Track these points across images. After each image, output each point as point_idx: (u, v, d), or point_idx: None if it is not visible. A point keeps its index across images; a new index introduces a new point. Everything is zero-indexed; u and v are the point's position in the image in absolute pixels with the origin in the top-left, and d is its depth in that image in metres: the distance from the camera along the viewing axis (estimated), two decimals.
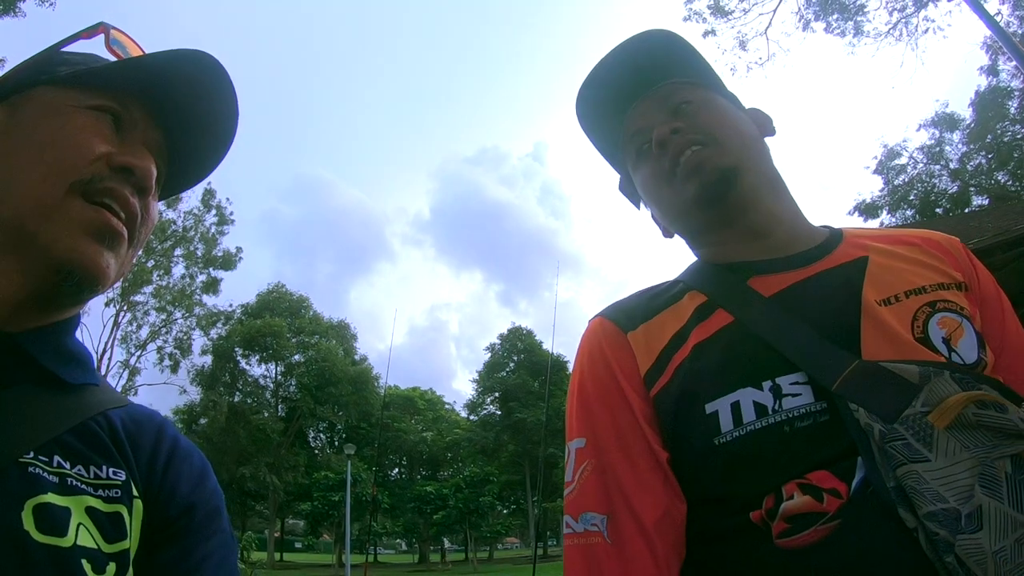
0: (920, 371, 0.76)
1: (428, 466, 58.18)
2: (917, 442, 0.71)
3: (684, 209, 1.02)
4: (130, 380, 35.17)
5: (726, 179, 0.96)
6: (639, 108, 1.08)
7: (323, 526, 49.10)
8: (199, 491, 0.80)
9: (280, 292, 51.42)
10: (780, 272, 0.94)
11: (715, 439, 0.82)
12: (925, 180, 24.57)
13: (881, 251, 0.96)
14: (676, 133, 0.99)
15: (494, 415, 54.18)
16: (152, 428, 0.82)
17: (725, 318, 0.91)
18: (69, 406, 0.73)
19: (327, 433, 54.33)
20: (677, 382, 0.88)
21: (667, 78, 1.06)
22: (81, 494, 0.67)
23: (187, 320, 38.39)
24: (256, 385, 48.95)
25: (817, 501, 0.74)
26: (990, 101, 21.57)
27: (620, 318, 1.00)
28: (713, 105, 1.04)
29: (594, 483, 0.88)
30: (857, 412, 0.75)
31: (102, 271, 0.72)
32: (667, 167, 1.00)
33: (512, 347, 55.73)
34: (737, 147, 0.98)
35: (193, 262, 36.59)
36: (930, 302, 0.86)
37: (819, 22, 19.39)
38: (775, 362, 0.83)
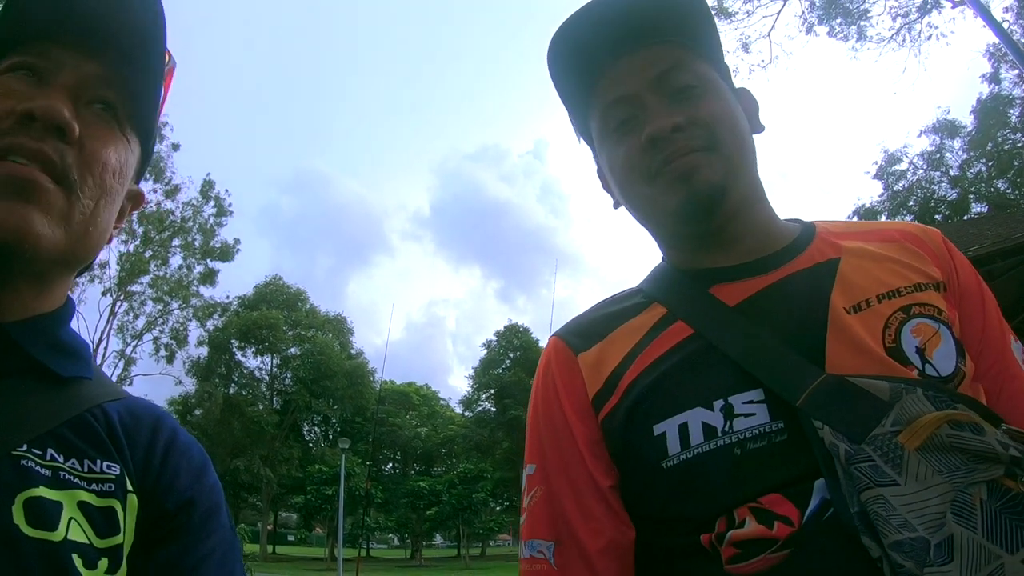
0: (891, 387, 0.71)
1: (422, 461, 58.15)
2: (885, 464, 0.66)
3: (659, 216, 0.95)
4: (126, 370, 35.06)
5: (715, 199, 0.88)
6: (624, 66, 0.93)
7: (316, 519, 49.16)
8: (198, 486, 0.78)
9: (277, 285, 51.34)
10: (746, 278, 0.89)
11: (662, 462, 0.80)
12: (925, 186, 24.60)
13: (855, 251, 0.90)
14: (677, 132, 0.87)
15: (489, 412, 54.14)
16: (149, 421, 0.79)
17: (684, 331, 0.87)
18: (64, 399, 0.71)
19: (322, 427, 54.35)
20: (626, 403, 0.86)
21: (664, 35, 0.92)
22: (74, 488, 0.66)
23: (184, 311, 38.27)
24: (251, 377, 48.94)
25: (767, 528, 0.71)
26: (991, 109, 21.59)
27: (573, 339, 0.96)
28: (718, 95, 0.93)
29: (541, 510, 0.89)
30: (822, 430, 0.71)
31: (26, 232, 0.65)
32: (653, 167, 0.89)
33: (508, 344, 55.67)
34: (735, 155, 0.90)
35: (191, 253, 36.45)
36: (904, 307, 0.81)
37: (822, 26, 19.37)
38: (730, 379, 0.80)
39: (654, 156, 0.89)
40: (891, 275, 0.85)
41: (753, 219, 0.94)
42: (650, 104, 0.91)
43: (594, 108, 0.99)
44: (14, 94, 0.69)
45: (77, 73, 0.74)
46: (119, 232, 0.85)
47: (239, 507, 49.73)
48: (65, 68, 0.73)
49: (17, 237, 0.64)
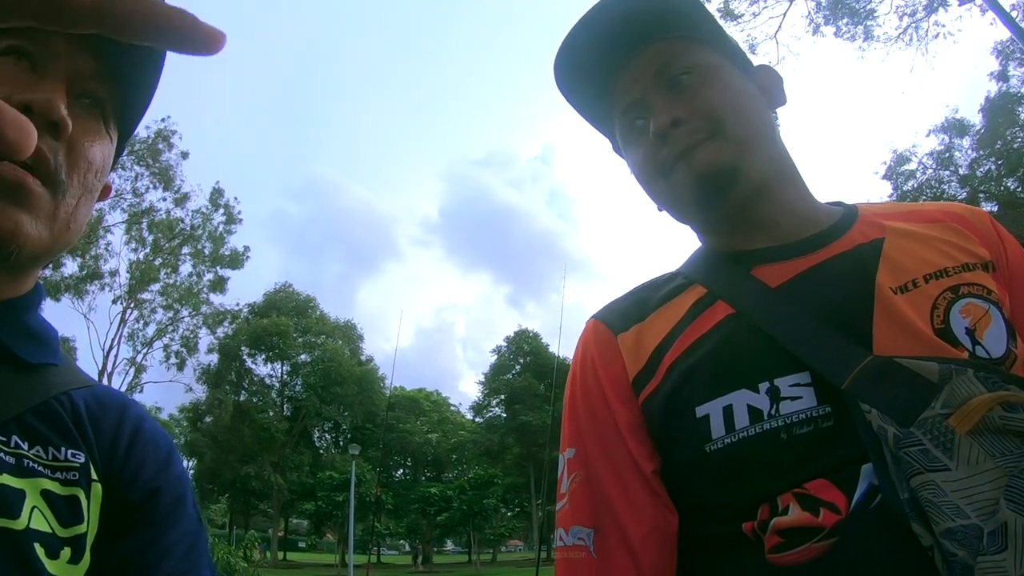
0: (940, 368, 0.68)
1: (432, 467, 58.07)
2: (936, 448, 0.64)
3: (682, 207, 0.95)
4: (136, 377, 35.21)
5: (726, 180, 0.86)
6: (630, 72, 0.94)
7: (327, 526, 49.13)
8: (163, 475, 0.77)
9: (287, 292, 51.48)
10: (789, 259, 0.86)
11: (706, 446, 0.78)
12: (934, 186, 24.43)
13: (899, 231, 0.86)
14: (677, 126, 0.87)
15: (499, 417, 54.05)
16: (116, 410, 0.78)
17: (725, 310, 0.85)
18: (29, 385, 0.70)
19: (332, 433, 54.32)
20: (667, 384, 0.83)
21: (660, 32, 0.93)
22: (37, 476, 0.65)
23: (194, 318, 38.40)
24: (262, 384, 48.98)
25: (813, 515, 0.69)
26: (1000, 107, 21.44)
27: (612, 319, 0.94)
28: (716, 76, 0.91)
29: (582, 496, 0.86)
30: (869, 413, 0.68)
31: (11, 231, 0.64)
32: (666, 162, 0.90)
33: (518, 349, 55.61)
34: (743, 135, 0.88)
35: (200, 260, 36.60)
36: (952, 287, 0.78)
37: (829, 26, 19.31)
38: (775, 361, 0.77)
39: (663, 152, 0.90)
40: (938, 255, 0.82)
41: (784, 199, 0.92)
42: (653, 103, 0.91)
43: (615, 119, 1.01)
44: (8, 80, 0.68)
45: (71, 64, 0.72)
46: None
47: (249, 514, 49.82)
48: (60, 58, 0.71)
49: (6, 239, 0.64)
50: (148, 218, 33.15)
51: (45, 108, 0.66)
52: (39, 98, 0.66)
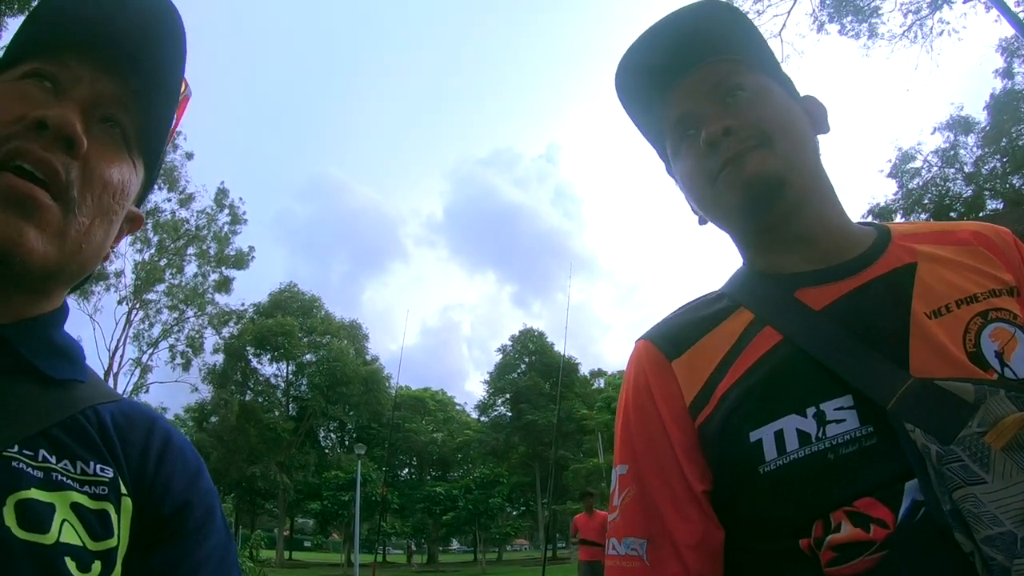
0: (975, 389, 0.73)
1: (438, 467, 58.24)
2: (974, 463, 0.70)
3: (726, 215, 0.99)
4: (142, 378, 35.36)
5: (773, 189, 0.90)
6: (684, 87, 0.99)
7: (332, 525, 49.25)
8: (193, 489, 0.77)
9: (292, 292, 51.64)
10: (829, 283, 0.91)
11: (759, 467, 0.82)
12: (939, 184, 24.39)
13: (930, 255, 0.91)
14: (728, 134, 0.92)
15: (505, 416, 54.18)
16: (143, 424, 0.78)
17: (773, 337, 0.89)
18: (56, 400, 0.70)
19: (337, 433, 54.54)
20: (721, 411, 0.87)
21: (716, 54, 0.98)
22: (67, 489, 0.65)
23: (199, 319, 38.54)
24: (267, 384, 49.21)
25: (864, 531, 0.74)
26: (1005, 104, 21.38)
27: (665, 344, 0.97)
28: (768, 96, 0.97)
29: (634, 510, 0.90)
30: (913, 432, 0.73)
31: (22, 248, 0.64)
32: (714, 169, 0.94)
33: (524, 349, 55.72)
34: (789, 151, 0.92)
35: (206, 261, 36.74)
36: (982, 312, 0.83)
37: (833, 24, 19.26)
38: (820, 385, 0.82)
39: (712, 159, 0.94)
40: (967, 281, 0.87)
41: (823, 218, 0.96)
42: (706, 114, 0.96)
43: (666, 132, 1.05)
44: (29, 100, 0.69)
45: (93, 88, 0.73)
46: (113, 252, 0.84)
47: (255, 513, 49.98)
48: (82, 81, 0.73)
49: (9, 250, 0.64)
50: (153, 219, 33.25)
51: (59, 123, 0.66)
52: (53, 114, 0.67)
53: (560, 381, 18.68)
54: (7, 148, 0.65)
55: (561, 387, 23.09)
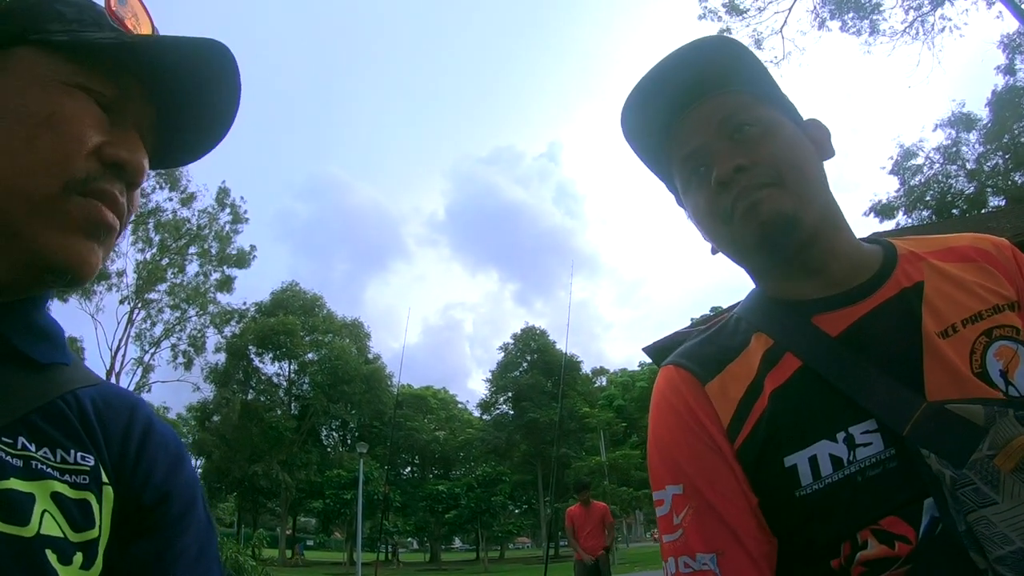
0: (985, 412, 0.77)
1: (440, 465, 58.23)
2: (985, 486, 0.74)
3: (742, 252, 1.00)
4: (144, 377, 35.45)
5: (787, 227, 0.92)
6: (690, 122, 1.00)
7: (335, 524, 49.28)
8: (174, 478, 0.75)
9: (294, 290, 51.61)
10: (843, 308, 0.93)
11: (795, 491, 0.85)
12: (941, 180, 24.36)
13: (935, 271, 0.95)
14: (739, 172, 0.93)
15: (507, 415, 54.16)
16: (124, 409, 0.76)
17: (795, 363, 0.91)
18: (37, 385, 0.68)
19: (340, 431, 54.54)
20: (756, 437, 0.90)
21: (721, 87, 0.99)
22: (47, 479, 0.63)
23: (201, 318, 38.64)
24: (269, 383, 49.22)
25: (889, 548, 0.78)
26: (1007, 101, 21.34)
27: (696, 368, 0.99)
28: (776, 130, 0.97)
29: (698, 526, 0.90)
30: (929, 458, 0.77)
31: (93, 268, 0.68)
32: (727, 208, 0.95)
33: (526, 347, 55.69)
34: (801, 186, 0.94)
35: (207, 260, 36.82)
36: (986, 330, 0.87)
37: (835, 20, 19.28)
38: (846, 410, 0.85)
39: (724, 198, 0.95)
40: (971, 298, 0.91)
41: (836, 245, 0.97)
42: (715, 150, 0.96)
43: (674, 167, 1.05)
44: (98, 125, 0.69)
45: (137, 112, 0.74)
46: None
47: (258, 512, 50.01)
48: (131, 104, 0.73)
49: (88, 275, 0.68)
50: (155, 218, 33.34)
51: (136, 171, 0.70)
52: (133, 160, 0.70)
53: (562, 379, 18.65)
54: (94, 187, 0.66)
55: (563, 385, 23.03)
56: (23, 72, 0.67)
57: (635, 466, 38.67)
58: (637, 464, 38.51)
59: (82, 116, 0.67)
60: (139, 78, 0.73)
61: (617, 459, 37.78)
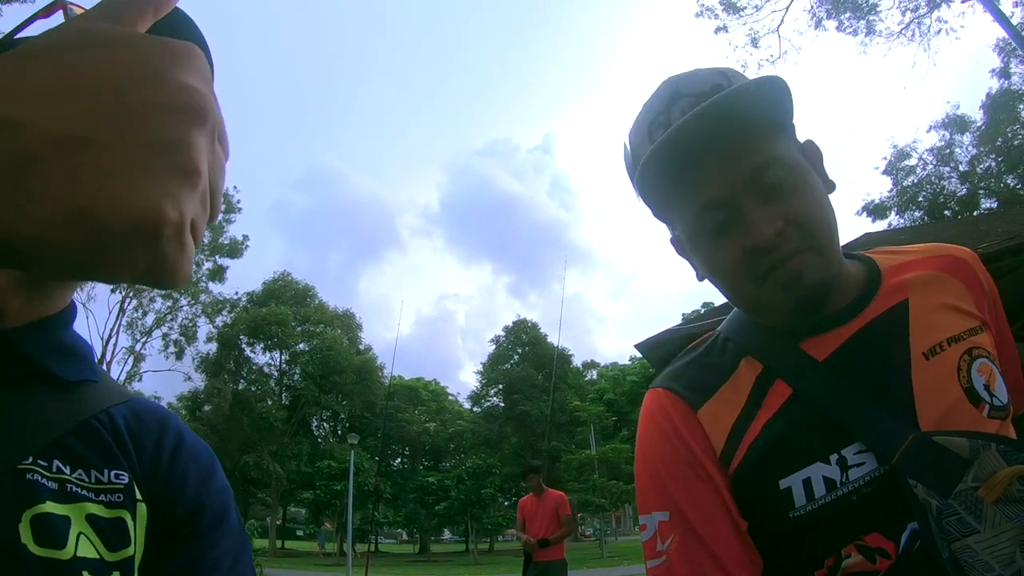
0: (970, 444, 0.80)
1: (431, 457, 58.28)
2: (969, 516, 0.77)
3: (772, 312, 0.97)
4: (135, 366, 35.39)
5: (824, 290, 0.92)
6: (712, 166, 0.91)
7: (325, 515, 49.23)
8: (207, 490, 0.76)
9: (286, 280, 51.53)
10: (831, 330, 0.94)
11: (790, 513, 0.87)
12: (934, 182, 24.43)
13: (918, 288, 0.97)
14: (779, 236, 0.88)
15: (497, 407, 54.27)
16: (155, 424, 0.77)
17: (786, 390, 0.93)
18: (69, 405, 0.68)
19: (330, 422, 54.51)
20: (749, 462, 0.91)
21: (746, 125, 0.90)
22: (82, 501, 0.64)
23: (193, 307, 38.55)
24: (260, 373, 49.12)
25: (870, 562, 0.82)
26: (1001, 104, 21.40)
27: (686, 393, 1.00)
28: (807, 183, 0.91)
29: (683, 553, 0.91)
30: (916, 488, 0.80)
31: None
32: (761, 271, 0.90)
33: (517, 339, 55.78)
34: (832, 246, 0.92)
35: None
36: (968, 349, 0.90)
37: (831, 20, 19.27)
38: (838, 433, 0.87)
39: (760, 262, 0.90)
40: (952, 318, 0.94)
41: (837, 280, 0.96)
42: (746, 207, 0.90)
43: (686, 208, 0.96)
44: None
45: None
46: None
47: (248, 503, 49.93)
48: None
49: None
50: None
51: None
52: None
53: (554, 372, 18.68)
54: None
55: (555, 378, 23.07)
56: None
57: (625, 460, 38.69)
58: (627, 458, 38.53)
59: None
60: None
61: (607, 453, 37.85)
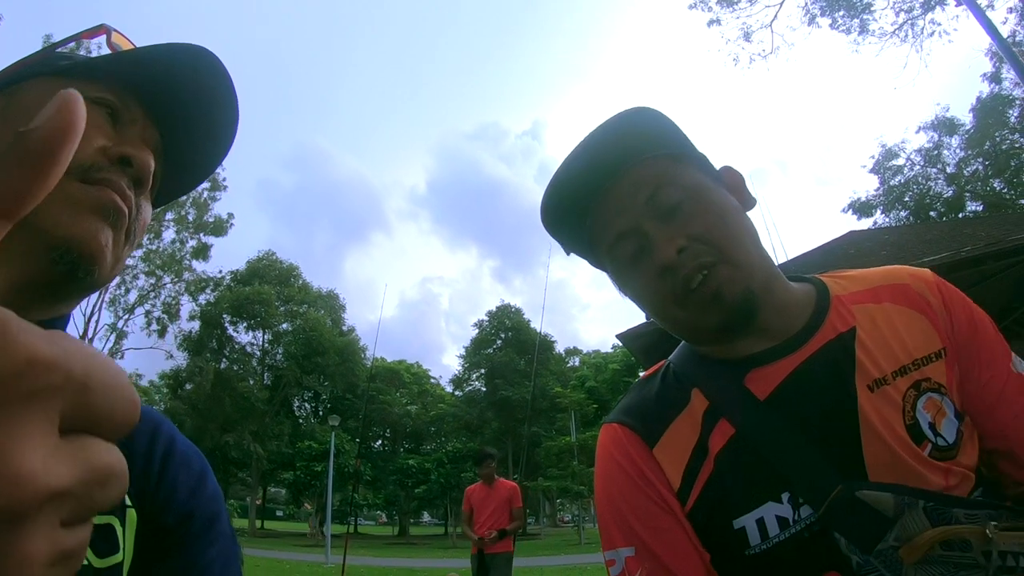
0: (895, 502, 0.80)
1: (411, 439, 58.27)
2: (888, 574, 0.78)
3: (701, 332, 0.97)
4: (117, 344, 35.04)
5: (748, 302, 0.91)
6: (613, 200, 0.98)
7: (305, 496, 49.24)
8: (197, 497, 0.76)
9: (270, 260, 51.05)
10: (776, 360, 0.93)
11: (745, 551, 0.87)
12: (921, 182, 24.64)
13: (868, 315, 0.95)
14: (682, 253, 0.91)
15: (479, 391, 54.30)
16: (147, 430, 0.77)
17: (730, 428, 0.92)
18: None
19: (312, 403, 54.34)
20: (706, 500, 0.91)
21: (637, 156, 0.97)
22: None
23: (176, 285, 38.19)
24: (243, 352, 48.73)
25: None
26: (991, 108, 21.59)
27: (641, 429, 0.99)
28: (707, 202, 0.95)
29: None
30: (839, 541, 0.81)
31: (100, 248, 0.66)
32: (677, 291, 0.92)
33: (500, 324, 55.72)
34: (742, 255, 0.92)
35: (184, 227, 36.32)
36: (915, 383, 0.89)
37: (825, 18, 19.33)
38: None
39: (672, 281, 0.92)
40: (901, 348, 0.92)
41: (772, 302, 0.95)
42: (650, 231, 0.94)
43: (601, 244, 1.02)
44: (103, 131, 0.71)
45: (143, 133, 0.75)
46: None
47: (229, 482, 49.77)
48: (136, 124, 0.75)
49: (96, 254, 0.65)
50: None
51: (142, 167, 0.70)
52: (140, 156, 0.70)
53: (536, 358, 18.70)
54: (99, 176, 0.67)
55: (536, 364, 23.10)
56: (34, 94, 0.71)
57: None
58: None
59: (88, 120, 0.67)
60: (135, 93, 0.75)
61: (587, 440, 38.02)
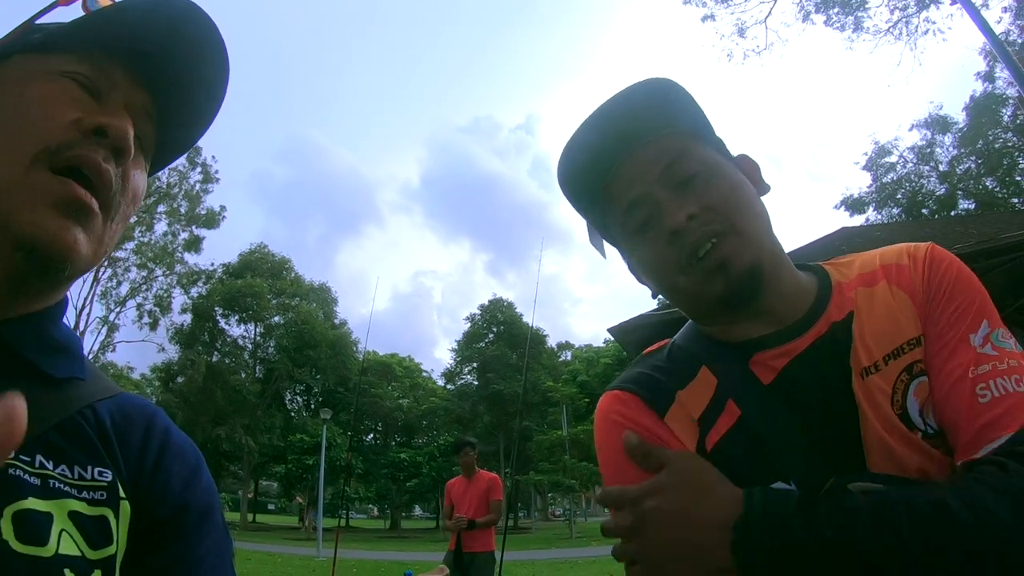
0: None
1: (403, 433, 58.22)
2: None
3: (703, 302, 0.96)
4: (108, 336, 34.95)
5: (754, 276, 0.91)
6: (631, 167, 0.98)
7: (296, 489, 49.20)
8: (191, 490, 0.75)
9: (262, 252, 50.90)
10: (780, 345, 0.93)
11: None
12: (913, 180, 24.74)
13: (864, 301, 0.94)
14: (692, 220, 0.91)
15: (471, 385, 54.33)
16: (142, 421, 0.76)
17: (736, 411, 0.92)
18: (54, 400, 0.68)
19: (304, 396, 54.27)
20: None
21: (659, 129, 0.97)
22: (64, 497, 0.63)
23: (168, 277, 38.08)
24: (235, 345, 48.66)
25: None
26: (984, 107, 21.67)
27: (652, 399, 0.98)
28: (722, 176, 0.95)
29: None
30: None
31: (68, 246, 0.64)
32: (683, 258, 0.92)
33: (492, 318, 55.71)
34: (757, 232, 0.93)
35: (176, 219, 36.18)
36: (907, 367, 0.87)
37: (819, 15, 19.38)
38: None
39: (679, 248, 0.92)
40: (895, 330, 0.90)
41: (782, 285, 0.96)
42: (662, 199, 0.94)
43: (613, 214, 1.02)
44: (79, 104, 0.69)
45: (128, 98, 0.74)
46: None
47: (220, 476, 49.71)
48: (118, 88, 0.73)
49: (64, 253, 0.64)
50: None
51: (119, 135, 0.68)
52: (115, 124, 0.68)
53: (528, 352, 18.70)
54: (70, 154, 0.65)
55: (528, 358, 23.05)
56: (9, 76, 0.69)
57: None
58: None
59: (57, 95, 0.68)
60: (116, 55, 0.73)
61: (579, 434, 38.09)
